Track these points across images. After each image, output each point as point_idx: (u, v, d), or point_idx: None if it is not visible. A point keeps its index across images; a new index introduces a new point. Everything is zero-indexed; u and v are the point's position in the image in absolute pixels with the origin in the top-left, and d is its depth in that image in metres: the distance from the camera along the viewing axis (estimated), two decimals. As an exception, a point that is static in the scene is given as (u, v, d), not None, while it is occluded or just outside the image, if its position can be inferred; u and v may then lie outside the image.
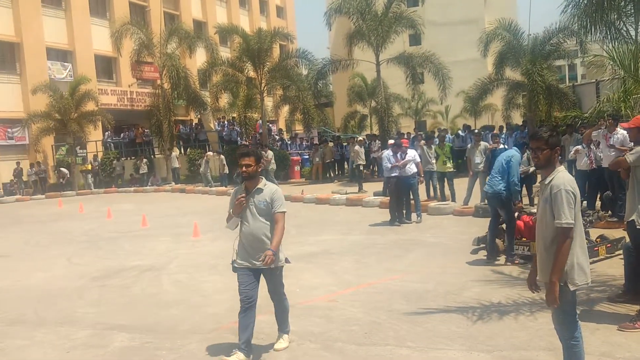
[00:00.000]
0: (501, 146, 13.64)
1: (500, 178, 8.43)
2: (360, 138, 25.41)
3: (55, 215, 18.89)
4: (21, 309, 7.55)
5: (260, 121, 28.81)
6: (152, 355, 5.49)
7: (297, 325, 5.94)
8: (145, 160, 28.30)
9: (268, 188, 5.11)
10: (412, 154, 12.63)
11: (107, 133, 31.77)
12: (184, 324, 6.39)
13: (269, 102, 32.81)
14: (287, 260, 5.25)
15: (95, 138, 31.02)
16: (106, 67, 35.92)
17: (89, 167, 29.74)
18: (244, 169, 5.00)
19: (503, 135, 20.33)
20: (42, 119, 28.37)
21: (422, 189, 13.49)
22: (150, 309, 7.10)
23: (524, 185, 13.05)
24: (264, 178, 5.21)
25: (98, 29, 34.50)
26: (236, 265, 5.12)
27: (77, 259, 10.84)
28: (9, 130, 30.18)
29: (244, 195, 5.07)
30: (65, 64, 33.00)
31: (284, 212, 5.09)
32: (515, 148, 9.41)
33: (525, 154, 11.29)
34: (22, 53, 30.65)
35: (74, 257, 11.13)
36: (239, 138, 28.04)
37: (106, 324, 6.50)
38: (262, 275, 5.14)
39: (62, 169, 28.80)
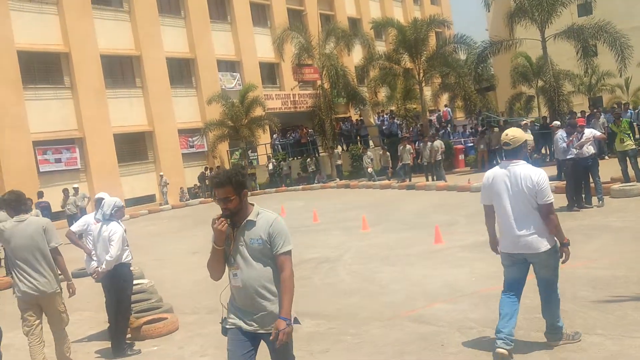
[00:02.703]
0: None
1: None
2: (526, 121, 24.12)
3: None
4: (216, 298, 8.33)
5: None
6: (337, 340, 5.81)
7: (477, 313, 5.90)
8: (313, 158, 29.56)
9: (263, 218, 3.56)
10: (588, 133, 11.76)
11: (274, 135, 33.57)
12: (363, 311, 6.63)
13: (427, 92, 32.47)
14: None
15: (264, 141, 32.99)
16: (270, 73, 37.99)
17: (254, 170, 31.48)
18: (222, 205, 3.52)
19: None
20: (217, 127, 30.70)
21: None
22: (330, 298, 7.48)
23: None
24: (255, 204, 3.65)
25: (261, 37, 36.59)
26: (227, 326, 3.74)
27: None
28: (190, 139, 33.19)
29: (221, 219, 3.51)
30: (234, 73, 35.48)
31: (290, 252, 3.59)
32: None
33: None
34: (196, 67, 33.49)
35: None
36: (399, 130, 28.09)
37: (292, 312, 6.91)
38: (264, 342, 3.68)
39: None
